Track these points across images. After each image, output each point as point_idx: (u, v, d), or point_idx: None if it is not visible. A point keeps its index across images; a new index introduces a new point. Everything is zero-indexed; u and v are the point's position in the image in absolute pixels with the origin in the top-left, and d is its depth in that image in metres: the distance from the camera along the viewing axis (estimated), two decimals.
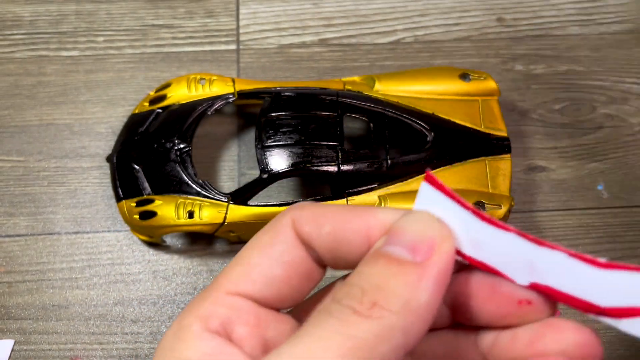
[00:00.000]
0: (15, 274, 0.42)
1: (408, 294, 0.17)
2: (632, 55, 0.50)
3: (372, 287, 0.17)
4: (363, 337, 0.16)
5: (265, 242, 0.20)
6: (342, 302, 0.17)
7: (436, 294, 0.17)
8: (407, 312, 0.17)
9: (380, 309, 0.16)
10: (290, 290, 0.20)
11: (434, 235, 0.18)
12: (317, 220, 0.20)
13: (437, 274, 0.17)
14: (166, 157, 0.41)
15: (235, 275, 0.20)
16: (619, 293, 0.17)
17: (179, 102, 0.43)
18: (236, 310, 0.19)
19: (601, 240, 0.44)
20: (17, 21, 0.51)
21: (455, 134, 0.42)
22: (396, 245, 0.18)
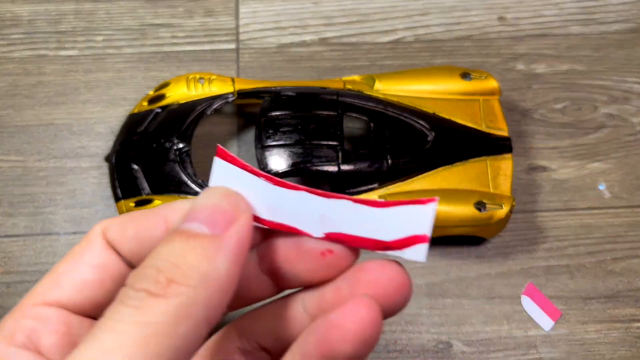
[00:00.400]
0: (14, 275, 0.42)
1: (207, 266, 0.16)
2: (634, 55, 0.50)
3: (168, 265, 0.16)
4: (160, 320, 0.15)
5: (75, 251, 0.20)
6: (136, 286, 0.16)
7: (235, 265, 0.17)
8: (207, 284, 0.16)
9: (177, 285, 0.16)
10: (106, 294, 0.19)
11: (231, 208, 0.18)
12: (122, 225, 0.20)
13: (235, 244, 0.17)
14: (165, 157, 0.41)
15: (43, 285, 0.19)
16: (398, 227, 0.18)
17: (178, 101, 0.43)
18: (43, 320, 0.19)
19: (602, 240, 0.43)
20: (16, 21, 0.51)
21: (456, 134, 0.42)
22: (193, 221, 0.18)
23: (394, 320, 0.41)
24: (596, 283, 0.42)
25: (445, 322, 0.41)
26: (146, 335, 0.15)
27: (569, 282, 0.42)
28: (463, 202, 0.39)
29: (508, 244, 0.43)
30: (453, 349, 0.40)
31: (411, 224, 0.18)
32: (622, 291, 0.42)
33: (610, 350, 0.40)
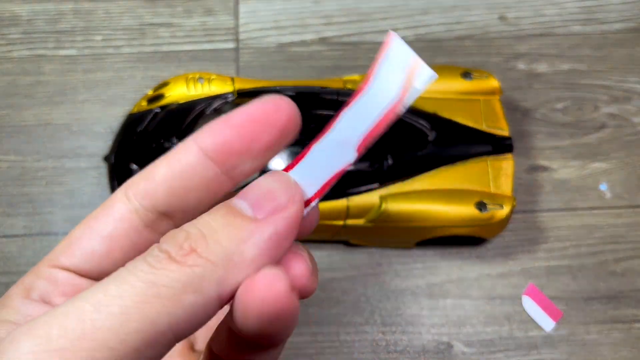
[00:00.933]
0: (12, 275, 0.42)
1: (233, 247, 0.16)
2: (635, 54, 0.50)
3: (198, 234, 0.16)
4: (168, 285, 0.15)
5: (92, 216, 0.20)
6: (162, 246, 0.16)
7: (265, 254, 0.16)
8: (227, 265, 0.16)
9: (196, 256, 0.16)
10: (112, 264, 0.19)
11: (282, 196, 0.17)
12: (147, 173, 0.19)
13: (272, 233, 0.17)
14: None
15: (57, 250, 0.20)
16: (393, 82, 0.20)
17: (177, 101, 0.43)
18: (53, 281, 0.19)
19: (604, 240, 0.43)
20: (15, 20, 0.51)
21: (457, 134, 0.41)
22: (243, 199, 0.17)
23: (394, 321, 0.41)
24: (597, 283, 0.42)
25: (445, 322, 0.41)
26: (149, 294, 0.15)
27: (570, 283, 0.42)
28: (464, 202, 0.39)
29: (509, 245, 0.43)
30: (454, 350, 0.40)
31: (399, 68, 0.19)
32: (623, 292, 0.42)
33: (611, 351, 0.40)
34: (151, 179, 0.19)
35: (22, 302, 0.19)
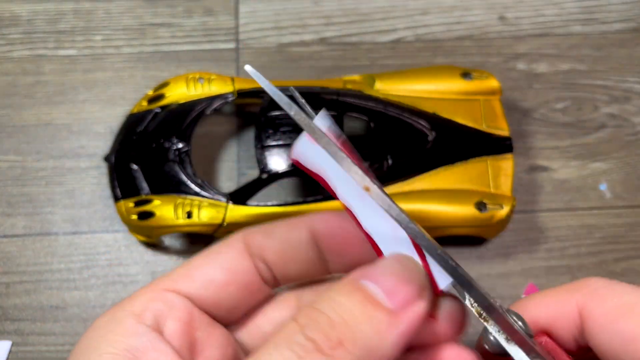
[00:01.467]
0: (13, 275, 0.42)
1: (376, 341, 0.16)
2: (635, 54, 0.50)
3: (342, 323, 0.16)
4: None
5: (213, 250, 0.21)
6: (306, 331, 0.16)
7: (399, 347, 0.17)
8: (369, 357, 0.16)
9: (344, 351, 0.16)
10: (229, 297, 0.21)
11: (415, 288, 0.18)
12: (267, 230, 0.21)
13: (407, 326, 0.17)
14: (165, 157, 0.41)
15: (176, 274, 0.21)
16: None
17: (177, 101, 0.43)
18: (170, 305, 0.20)
19: (604, 240, 0.43)
20: (15, 20, 0.51)
21: (457, 134, 0.41)
22: (374, 282, 0.17)
23: None
24: None
25: None
26: None
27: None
28: (463, 202, 0.39)
29: (509, 245, 0.43)
30: None
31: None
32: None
33: None
34: (268, 235, 0.21)
35: (132, 328, 0.19)
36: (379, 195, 0.18)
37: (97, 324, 0.19)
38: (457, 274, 0.18)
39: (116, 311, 0.19)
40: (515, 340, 0.18)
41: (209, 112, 0.42)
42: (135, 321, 0.19)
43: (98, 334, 0.19)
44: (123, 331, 0.18)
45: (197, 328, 0.20)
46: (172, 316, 0.19)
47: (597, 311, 0.19)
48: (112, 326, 0.19)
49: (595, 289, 0.20)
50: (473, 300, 0.19)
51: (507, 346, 0.18)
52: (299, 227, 0.21)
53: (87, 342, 0.18)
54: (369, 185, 0.18)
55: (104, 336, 0.18)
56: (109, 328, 0.19)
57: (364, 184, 0.18)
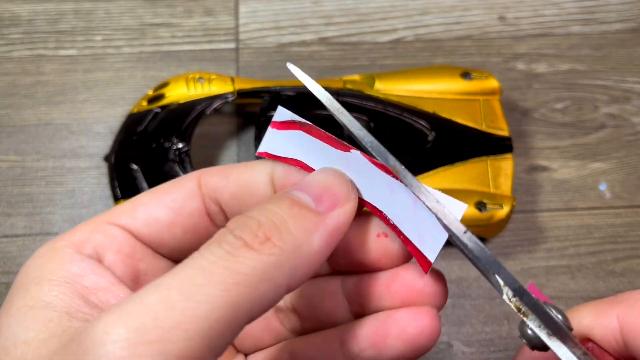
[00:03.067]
0: (13, 275, 0.42)
1: (302, 237, 0.17)
2: (635, 54, 0.50)
3: (270, 223, 0.17)
4: (248, 272, 0.16)
5: (162, 189, 0.21)
6: (235, 232, 0.17)
7: (327, 245, 0.18)
8: (297, 254, 0.17)
9: (272, 245, 0.16)
10: (173, 237, 0.20)
11: (340, 192, 0.19)
12: (223, 171, 0.21)
13: (333, 227, 0.18)
14: (165, 157, 0.41)
15: (119, 209, 0.20)
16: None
17: (177, 101, 0.43)
18: (111, 237, 0.20)
19: (603, 240, 0.43)
20: (15, 20, 0.51)
21: (457, 134, 0.41)
22: (303, 192, 0.18)
23: None
24: (597, 283, 0.42)
25: (445, 322, 0.41)
26: (231, 282, 0.15)
27: (570, 283, 0.42)
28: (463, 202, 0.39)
29: (508, 244, 0.43)
30: (453, 349, 0.40)
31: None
32: (622, 291, 0.42)
33: None
34: (224, 176, 0.20)
35: (71, 257, 0.19)
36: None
37: (37, 254, 0.19)
38: (486, 255, 0.19)
39: (55, 242, 0.19)
40: (558, 336, 0.18)
41: (209, 112, 0.42)
42: (74, 250, 0.19)
43: (36, 263, 0.18)
44: (61, 259, 0.18)
45: (139, 259, 0.20)
46: (112, 248, 0.19)
47: (637, 324, 0.19)
48: (51, 255, 0.19)
49: (635, 301, 0.20)
50: (511, 293, 0.19)
51: (549, 341, 0.18)
52: (258, 170, 0.21)
53: (26, 271, 0.18)
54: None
55: (42, 265, 0.18)
56: (47, 257, 0.19)
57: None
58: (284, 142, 0.20)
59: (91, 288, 0.18)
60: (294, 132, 0.20)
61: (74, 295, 0.18)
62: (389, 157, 0.19)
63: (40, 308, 0.17)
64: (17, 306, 0.17)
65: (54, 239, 0.20)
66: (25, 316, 0.17)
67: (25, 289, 0.18)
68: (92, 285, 0.18)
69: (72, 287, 0.18)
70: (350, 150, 0.20)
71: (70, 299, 0.17)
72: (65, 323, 0.16)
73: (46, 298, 0.17)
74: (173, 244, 0.21)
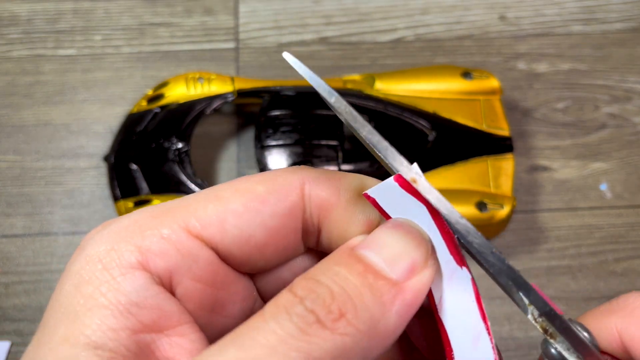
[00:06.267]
0: (12, 275, 0.42)
1: (379, 314, 0.15)
2: (635, 54, 0.50)
3: (343, 295, 0.14)
4: (321, 357, 0.14)
5: (258, 192, 0.17)
6: (307, 303, 0.14)
7: (404, 320, 0.15)
8: (373, 333, 0.14)
9: (346, 324, 0.14)
10: (261, 258, 0.17)
11: (419, 255, 0.16)
12: (333, 183, 0.17)
13: (411, 298, 0.15)
14: (164, 157, 0.40)
15: (206, 214, 0.16)
16: None
17: (177, 101, 0.43)
18: (191, 258, 0.16)
19: (604, 240, 0.43)
20: (14, 20, 0.51)
21: (457, 133, 0.41)
22: (375, 252, 0.16)
23: None
24: (598, 283, 0.42)
25: None
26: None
27: (571, 283, 0.42)
28: (464, 202, 0.39)
29: (509, 244, 0.43)
30: None
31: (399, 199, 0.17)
32: (623, 292, 0.41)
33: None
34: (335, 191, 0.17)
35: (134, 276, 0.15)
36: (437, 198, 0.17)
37: (92, 253, 0.15)
38: (514, 275, 0.17)
39: (119, 239, 0.15)
40: (588, 357, 0.16)
41: (208, 112, 0.42)
42: (140, 265, 0.15)
43: (89, 271, 0.15)
44: (122, 273, 0.15)
45: (219, 288, 0.17)
46: (191, 273, 0.16)
47: (637, 334, 0.18)
48: (109, 260, 0.15)
49: (632, 310, 0.18)
50: (537, 313, 0.17)
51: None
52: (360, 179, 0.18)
53: (77, 274, 0.15)
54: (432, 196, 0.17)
55: (95, 276, 0.15)
56: (106, 261, 0.15)
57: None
58: (396, 200, 0.17)
59: (152, 326, 0.15)
60: (415, 200, 0.17)
61: (128, 336, 0.14)
62: (398, 158, 0.17)
63: (81, 349, 0.14)
64: (58, 337, 0.14)
65: (114, 227, 0.16)
66: (60, 357, 0.14)
67: (72, 311, 0.15)
68: (152, 324, 0.15)
69: (128, 322, 0.15)
70: (463, 267, 0.17)
71: (119, 342, 0.14)
72: None
73: (93, 336, 0.14)
74: (260, 264, 0.17)
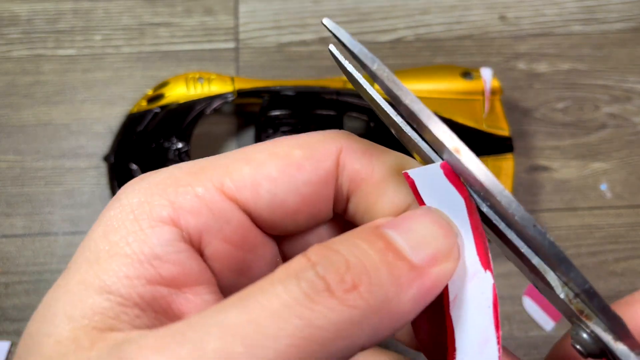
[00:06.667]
0: (12, 275, 0.42)
1: (393, 294, 0.14)
2: (635, 54, 0.50)
3: (360, 267, 0.14)
4: (326, 328, 0.13)
5: (294, 158, 0.16)
6: (318, 268, 0.13)
7: (418, 307, 0.15)
8: (384, 312, 0.14)
9: (358, 297, 0.13)
10: (292, 222, 0.17)
11: (444, 247, 0.15)
12: (368, 154, 0.17)
13: (429, 286, 0.15)
14: (164, 157, 0.40)
15: (240, 175, 0.16)
16: None
17: (177, 101, 0.43)
18: (223, 220, 0.16)
19: (604, 240, 0.43)
20: (14, 19, 0.51)
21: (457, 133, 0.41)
22: (400, 233, 0.15)
23: None
24: (598, 283, 0.42)
25: None
26: (302, 336, 0.13)
27: None
28: None
29: None
30: None
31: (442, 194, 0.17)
32: (623, 291, 0.42)
33: None
34: (369, 162, 0.17)
35: (162, 230, 0.15)
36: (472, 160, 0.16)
37: (130, 192, 0.15)
38: (556, 250, 0.15)
39: (153, 192, 0.15)
40: (625, 341, 0.16)
41: (208, 112, 0.42)
42: (171, 220, 0.15)
43: (121, 214, 0.15)
44: (150, 224, 0.15)
45: (248, 250, 0.17)
46: (221, 234, 0.16)
47: None
48: (142, 210, 0.15)
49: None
50: (572, 294, 0.16)
51: (615, 346, 0.16)
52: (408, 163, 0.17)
53: (109, 217, 0.15)
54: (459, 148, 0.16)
55: (126, 222, 0.15)
56: (139, 210, 0.15)
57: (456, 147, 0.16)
58: (435, 187, 0.16)
59: (170, 281, 0.15)
60: (455, 192, 0.16)
61: (143, 285, 0.14)
62: (441, 126, 0.16)
63: (94, 291, 0.14)
64: (76, 280, 0.14)
65: (151, 180, 0.16)
66: (73, 298, 0.14)
67: (95, 256, 0.14)
68: (171, 278, 0.15)
69: (146, 273, 0.14)
70: (487, 271, 0.17)
71: (133, 289, 0.14)
72: (110, 321, 0.13)
73: (108, 281, 0.14)
74: (290, 228, 0.17)
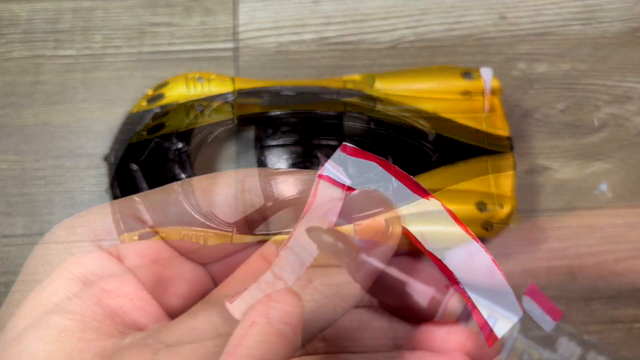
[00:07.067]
0: (12, 275, 0.42)
1: (344, 280, 0.16)
2: (636, 54, 0.50)
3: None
4: (288, 323, 0.14)
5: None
6: (275, 270, 0.15)
7: (365, 286, 0.16)
8: (338, 299, 0.16)
9: (314, 290, 0.15)
10: (207, 251, 0.19)
11: (381, 224, 0.17)
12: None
13: (374, 267, 0.17)
14: (164, 157, 0.40)
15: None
16: None
17: (177, 101, 0.43)
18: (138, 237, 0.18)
19: (605, 240, 0.43)
20: (14, 20, 0.51)
21: (457, 133, 0.41)
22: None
23: None
24: (598, 283, 0.42)
25: None
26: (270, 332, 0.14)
27: (570, 283, 0.42)
28: (464, 202, 0.39)
29: (509, 244, 0.43)
30: None
31: None
32: (623, 292, 0.42)
33: (613, 350, 0.40)
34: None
35: (89, 250, 0.16)
36: None
37: (53, 233, 0.17)
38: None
39: (74, 224, 0.17)
40: None
41: (208, 112, 0.42)
42: (93, 241, 0.17)
43: (50, 250, 0.17)
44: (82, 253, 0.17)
45: (164, 266, 0.18)
46: (136, 250, 0.17)
47: None
48: (68, 239, 0.17)
49: None
50: None
51: None
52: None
53: (40, 253, 0.17)
54: None
55: (57, 252, 0.17)
56: (65, 241, 0.17)
57: None
58: (351, 169, 0.18)
59: (111, 292, 0.16)
60: (366, 162, 0.18)
61: (91, 300, 0.16)
62: None
63: (53, 313, 0.16)
64: (31, 303, 0.16)
65: (71, 218, 0.18)
66: (39, 320, 0.15)
67: (39, 283, 0.16)
68: (112, 289, 0.16)
69: (90, 290, 0.16)
70: (430, 198, 0.18)
71: (86, 305, 0.16)
72: (78, 334, 0.15)
73: (60, 301, 0.16)
74: (204, 260, 0.19)
